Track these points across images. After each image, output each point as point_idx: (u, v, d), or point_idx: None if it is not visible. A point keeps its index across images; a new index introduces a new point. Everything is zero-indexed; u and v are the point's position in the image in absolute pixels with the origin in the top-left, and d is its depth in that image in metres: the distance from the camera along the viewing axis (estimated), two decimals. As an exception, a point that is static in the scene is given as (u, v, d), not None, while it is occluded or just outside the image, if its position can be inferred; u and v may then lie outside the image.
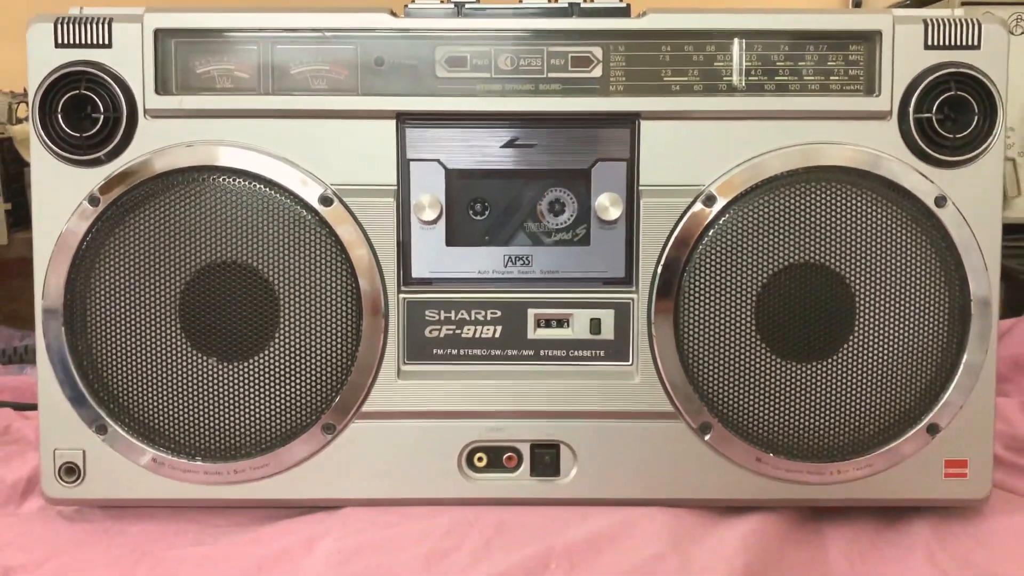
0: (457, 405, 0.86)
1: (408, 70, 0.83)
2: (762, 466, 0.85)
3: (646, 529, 0.82)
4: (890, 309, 0.84)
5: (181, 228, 0.83)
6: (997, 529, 0.85)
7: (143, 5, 0.84)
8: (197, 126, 0.83)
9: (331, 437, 0.85)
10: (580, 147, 0.85)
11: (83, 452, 0.85)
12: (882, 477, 0.85)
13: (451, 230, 0.86)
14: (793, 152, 0.83)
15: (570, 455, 0.87)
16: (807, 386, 0.84)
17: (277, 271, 0.83)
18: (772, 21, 0.83)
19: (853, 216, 0.83)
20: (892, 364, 0.84)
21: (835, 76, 0.83)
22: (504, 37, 0.83)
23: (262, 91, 0.83)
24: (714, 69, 0.83)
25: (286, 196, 0.83)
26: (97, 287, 0.84)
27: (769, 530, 0.83)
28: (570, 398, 0.86)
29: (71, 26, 0.82)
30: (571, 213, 0.86)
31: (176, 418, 0.84)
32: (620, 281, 0.86)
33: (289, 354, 0.84)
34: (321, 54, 0.83)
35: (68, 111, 0.83)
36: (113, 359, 0.84)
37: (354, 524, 0.84)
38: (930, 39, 0.82)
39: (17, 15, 1.68)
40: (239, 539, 0.84)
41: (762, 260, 0.83)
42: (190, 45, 0.83)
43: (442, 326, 0.86)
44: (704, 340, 0.84)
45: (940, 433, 0.85)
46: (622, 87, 0.83)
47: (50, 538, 0.85)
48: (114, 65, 0.82)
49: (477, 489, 0.87)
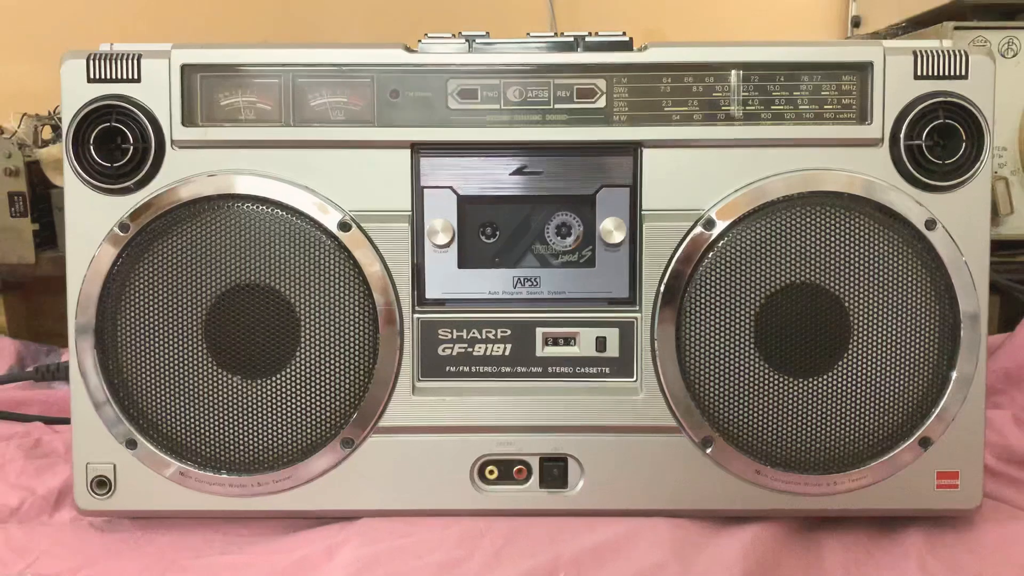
0: (469, 420, 0.89)
1: (422, 102, 0.86)
2: (761, 478, 0.88)
3: (650, 539, 0.85)
4: (884, 327, 0.87)
5: (206, 253, 0.86)
6: (987, 538, 0.87)
7: (159, 38, 0.87)
8: (222, 156, 0.87)
9: (349, 451, 0.88)
10: (585, 174, 0.88)
11: (114, 466, 0.88)
12: (876, 488, 0.88)
13: (463, 253, 0.89)
14: (789, 178, 0.86)
15: (577, 468, 0.89)
16: (804, 401, 0.87)
17: (298, 293, 0.87)
18: (768, 54, 0.86)
19: (847, 238, 0.86)
20: (886, 379, 0.87)
21: (829, 105, 0.86)
22: (513, 71, 0.86)
23: (283, 122, 0.87)
24: (713, 99, 0.86)
25: (306, 222, 0.86)
26: (127, 309, 0.87)
27: (768, 539, 0.85)
28: (577, 413, 0.89)
29: (102, 62, 0.86)
30: (577, 236, 0.89)
31: (202, 433, 0.88)
32: (624, 301, 0.89)
33: (310, 372, 0.87)
34: (339, 87, 0.86)
35: (99, 142, 0.86)
36: (142, 377, 0.87)
37: (371, 534, 0.86)
38: (920, 69, 0.85)
39: (37, 38, 1.74)
40: (263, 548, 0.87)
41: (760, 280, 0.86)
42: (215, 79, 0.87)
43: (455, 344, 0.90)
44: (705, 357, 0.87)
45: (932, 446, 0.87)
46: (625, 117, 0.86)
47: (82, 547, 0.88)
48: (143, 99, 0.86)
49: (488, 501, 0.90)
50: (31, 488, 0.97)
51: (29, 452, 1.04)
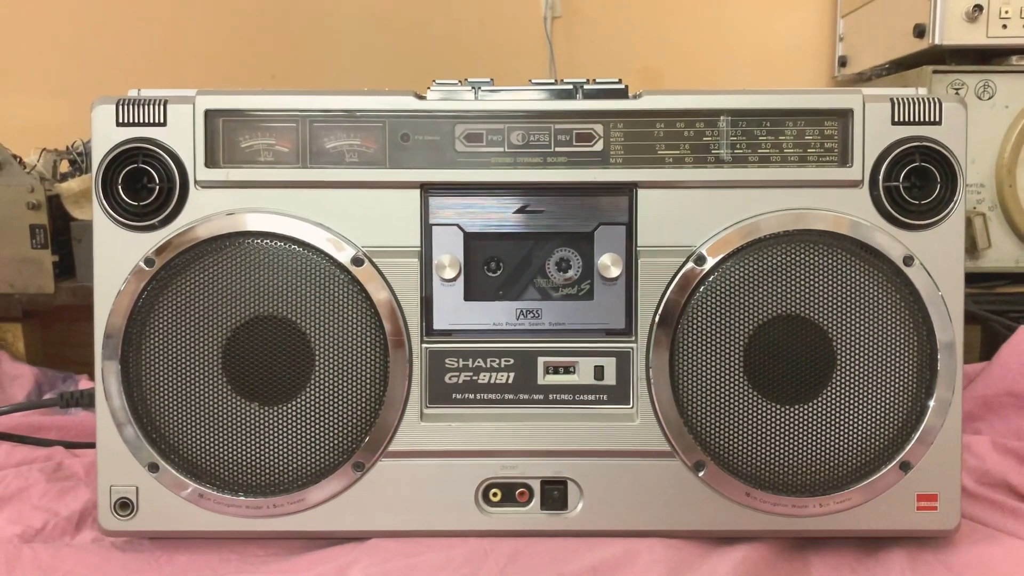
0: (474, 445, 0.93)
1: (431, 145, 0.91)
2: (751, 500, 0.92)
3: (646, 558, 0.88)
4: (866, 357, 0.91)
5: (226, 286, 0.90)
6: (965, 557, 0.91)
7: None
8: (242, 195, 0.91)
9: (360, 474, 0.92)
10: (584, 212, 0.92)
11: (136, 488, 0.92)
12: (859, 510, 0.91)
13: (469, 286, 0.93)
14: (776, 217, 0.91)
15: (577, 490, 0.93)
16: (791, 427, 0.91)
17: (312, 324, 0.91)
18: (754, 101, 0.91)
19: (831, 274, 0.90)
20: (868, 407, 0.91)
21: (812, 149, 0.91)
22: (516, 116, 0.91)
23: (300, 164, 0.91)
24: (703, 143, 0.91)
25: (321, 257, 0.91)
26: (151, 339, 0.91)
27: (758, 559, 0.89)
28: (576, 438, 0.93)
29: (131, 107, 0.90)
30: (576, 271, 0.94)
31: (220, 457, 0.92)
32: (621, 332, 0.93)
33: (323, 399, 0.91)
34: (353, 131, 0.91)
35: (127, 182, 0.90)
36: (164, 404, 0.91)
37: (381, 554, 0.90)
38: (896, 116, 0.90)
39: (51, 73, 1.79)
40: (277, 567, 0.90)
41: (749, 313, 0.90)
42: (236, 124, 0.91)
43: (460, 373, 0.94)
44: (697, 385, 0.91)
45: (912, 469, 0.91)
46: (621, 160, 0.91)
47: (106, 567, 0.91)
48: (168, 141, 0.90)
49: (492, 522, 0.93)
50: (54, 510, 1.00)
51: (51, 476, 1.08)
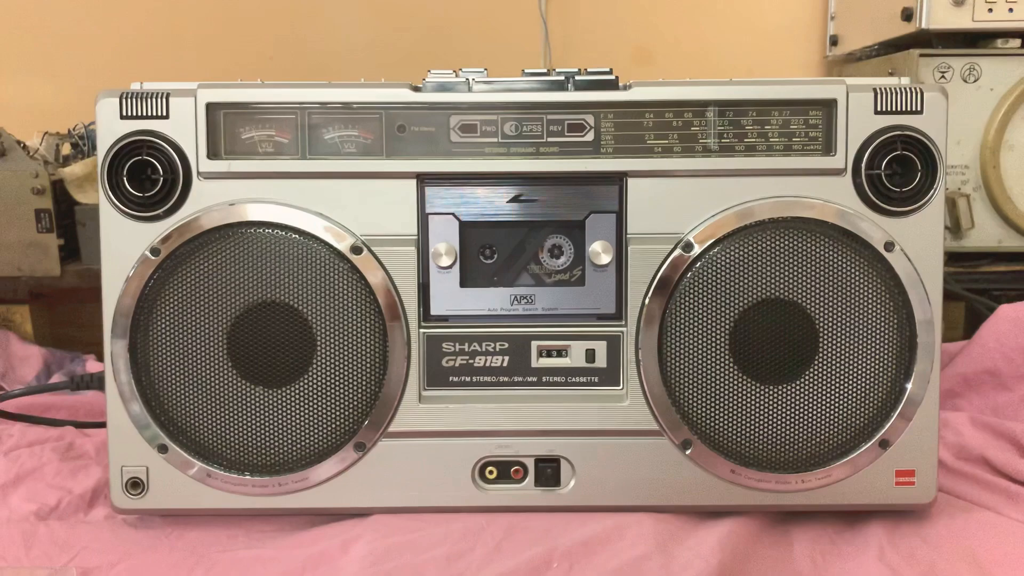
0: (470, 425, 0.96)
1: (426, 136, 0.93)
2: (736, 476, 0.95)
3: (635, 532, 0.91)
4: (848, 338, 0.94)
5: (229, 274, 0.93)
6: (941, 529, 0.94)
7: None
8: (244, 185, 0.93)
9: (362, 454, 0.95)
10: (575, 201, 0.95)
11: (146, 468, 0.95)
12: (840, 485, 0.95)
13: (464, 273, 0.96)
14: (761, 204, 0.93)
15: (569, 468, 0.97)
16: (775, 406, 0.94)
17: (314, 310, 0.94)
18: (741, 92, 0.93)
19: (814, 259, 0.93)
20: (849, 387, 0.94)
21: (797, 138, 0.93)
22: (509, 107, 0.93)
23: (299, 155, 0.93)
24: (691, 133, 0.93)
25: (321, 246, 0.93)
26: (158, 325, 0.94)
27: (742, 532, 0.92)
28: (569, 418, 0.96)
29: (134, 100, 0.92)
30: (568, 258, 0.96)
31: (227, 438, 0.95)
32: (611, 316, 0.96)
33: (325, 382, 0.94)
34: (351, 123, 0.93)
35: (132, 173, 0.93)
36: (172, 387, 0.94)
37: (382, 529, 0.93)
38: (879, 105, 0.92)
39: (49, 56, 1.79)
40: (284, 543, 0.94)
41: (735, 297, 0.93)
42: (237, 116, 0.93)
43: (457, 357, 0.97)
44: (685, 367, 0.94)
45: (891, 447, 0.94)
46: (611, 149, 0.93)
47: (118, 543, 0.95)
48: (171, 133, 0.93)
49: (488, 498, 0.96)
50: (68, 488, 1.04)
51: (63, 455, 1.11)
